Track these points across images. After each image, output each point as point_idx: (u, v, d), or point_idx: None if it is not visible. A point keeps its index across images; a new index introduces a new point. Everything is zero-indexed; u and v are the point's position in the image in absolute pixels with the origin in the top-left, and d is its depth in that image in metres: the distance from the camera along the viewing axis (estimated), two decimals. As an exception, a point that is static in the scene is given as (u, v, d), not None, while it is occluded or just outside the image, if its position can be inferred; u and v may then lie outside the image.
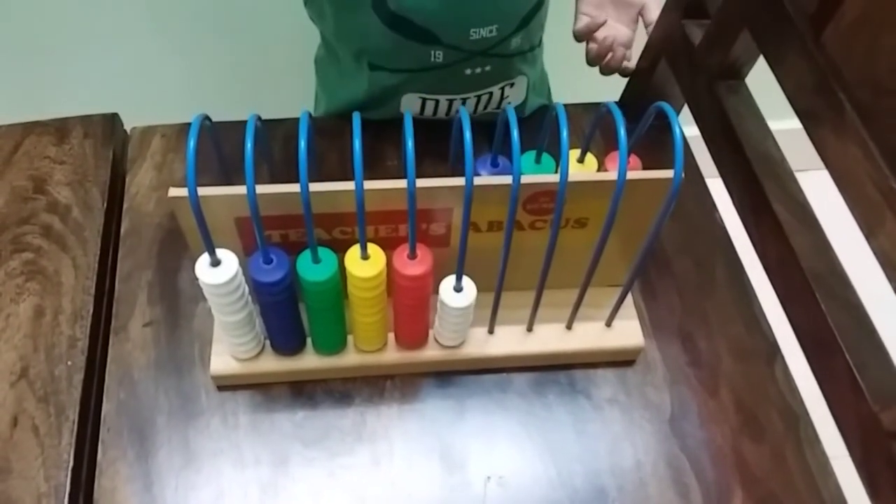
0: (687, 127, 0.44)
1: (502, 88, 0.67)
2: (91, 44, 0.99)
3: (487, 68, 0.64)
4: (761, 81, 0.61)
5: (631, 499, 0.52)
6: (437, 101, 0.67)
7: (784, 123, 0.61)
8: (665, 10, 0.68)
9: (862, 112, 0.47)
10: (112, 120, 0.70)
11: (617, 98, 0.76)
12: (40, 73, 1.02)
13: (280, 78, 1.07)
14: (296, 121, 0.70)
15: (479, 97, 0.67)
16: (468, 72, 0.64)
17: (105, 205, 0.64)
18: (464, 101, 0.67)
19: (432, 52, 0.61)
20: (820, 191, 0.59)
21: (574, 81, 0.78)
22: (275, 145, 0.67)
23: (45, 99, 0.93)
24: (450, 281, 0.50)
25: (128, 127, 0.72)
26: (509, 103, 0.70)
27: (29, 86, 1.03)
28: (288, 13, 0.98)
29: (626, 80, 0.74)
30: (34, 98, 1.01)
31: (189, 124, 0.39)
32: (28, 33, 0.97)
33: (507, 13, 0.61)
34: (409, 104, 0.67)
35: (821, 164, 0.51)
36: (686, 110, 0.68)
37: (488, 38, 0.61)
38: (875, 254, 0.46)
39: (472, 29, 0.60)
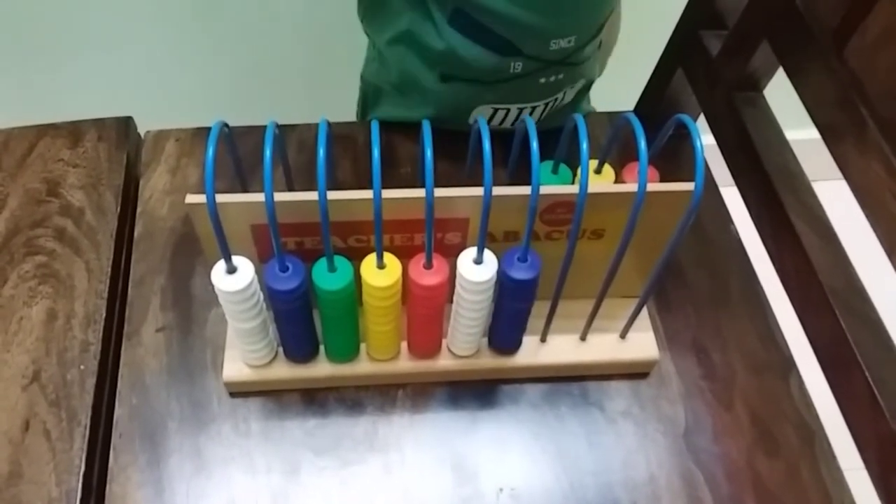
0: (701, 136, 0.44)
1: (564, 92, 0.67)
2: (105, 47, 0.99)
3: (560, 76, 0.64)
4: (776, 89, 0.61)
5: (644, 513, 0.52)
6: (507, 110, 0.67)
7: (800, 133, 0.60)
8: (682, 20, 0.67)
9: (885, 128, 0.46)
10: (126, 123, 0.70)
11: (631, 107, 0.76)
12: (54, 75, 1.02)
13: (293, 83, 1.07)
14: (309, 126, 0.71)
15: (546, 104, 0.67)
16: (542, 80, 0.64)
17: (119, 208, 0.64)
18: (532, 109, 0.67)
19: (512, 64, 0.61)
20: (837, 200, 0.59)
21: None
22: (288, 151, 0.66)
23: (58, 102, 0.93)
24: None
25: (142, 131, 0.72)
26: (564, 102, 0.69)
27: (43, 88, 1.04)
28: (301, 18, 0.98)
29: (641, 89, 0.74)
30: (48, 101, 1.01)
31: (203, 128, 0.39)
32: (42, 36, 0.97)
33: (587, 23, 0.61)
34: (481, 114, 0.67)
35: (838, 173, 0.50)
36: (700, 119, 0.68)
37: (566, 48, 0.61)
38: (896, 270, 0.46)
39: (552, 40, 0.60)
